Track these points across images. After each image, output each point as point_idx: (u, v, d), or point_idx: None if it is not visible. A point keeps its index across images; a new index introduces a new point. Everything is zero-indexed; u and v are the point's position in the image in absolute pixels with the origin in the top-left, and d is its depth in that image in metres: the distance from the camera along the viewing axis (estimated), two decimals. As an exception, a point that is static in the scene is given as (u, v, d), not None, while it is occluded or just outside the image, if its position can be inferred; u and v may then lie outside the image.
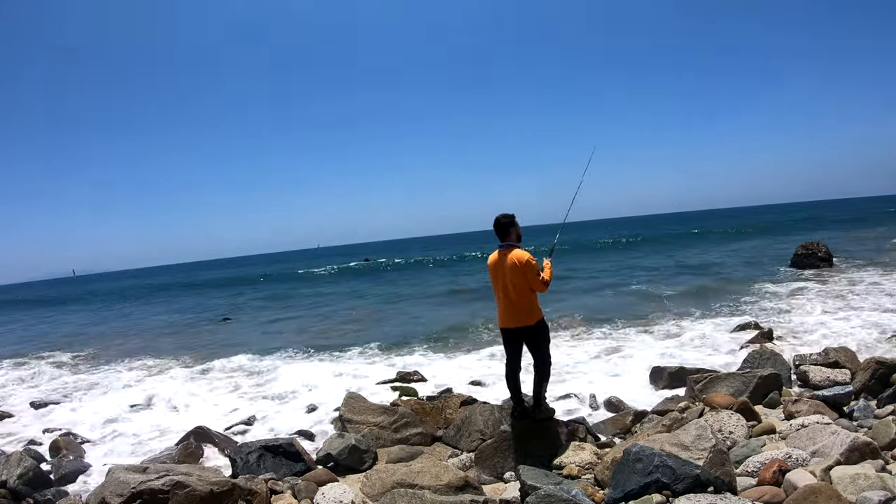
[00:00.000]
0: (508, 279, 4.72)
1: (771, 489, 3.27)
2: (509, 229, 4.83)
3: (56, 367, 13.29)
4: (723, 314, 11.93)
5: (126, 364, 12.80)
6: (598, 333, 11.25)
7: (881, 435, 3.98)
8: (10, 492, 4.91)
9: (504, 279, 4.75)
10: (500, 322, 4.96)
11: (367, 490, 4.18)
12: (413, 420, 5.93)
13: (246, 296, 30.13)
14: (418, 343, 12.06)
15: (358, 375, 9.55)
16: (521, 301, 4.75)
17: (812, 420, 4.35)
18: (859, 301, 11.70)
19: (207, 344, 14.85)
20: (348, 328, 15.31)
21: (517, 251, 4.77)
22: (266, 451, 5.08)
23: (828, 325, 9.78)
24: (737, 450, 4.03)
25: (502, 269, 4.76)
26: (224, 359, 12.13)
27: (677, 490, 3.19)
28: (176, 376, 10.86)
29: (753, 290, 14.75)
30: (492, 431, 5.13)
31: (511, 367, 5.01)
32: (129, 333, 18.79)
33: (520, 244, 4.89)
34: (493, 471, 4.68)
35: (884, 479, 3.12)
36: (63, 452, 6.34)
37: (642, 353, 9.17)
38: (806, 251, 18.22)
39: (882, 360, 5.60)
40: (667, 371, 7.33)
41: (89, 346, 16.05)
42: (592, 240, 51.64)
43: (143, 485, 3.71)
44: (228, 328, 18.23)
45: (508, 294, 4.76)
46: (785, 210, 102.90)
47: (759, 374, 5.75)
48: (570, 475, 4.24)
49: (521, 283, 4.70)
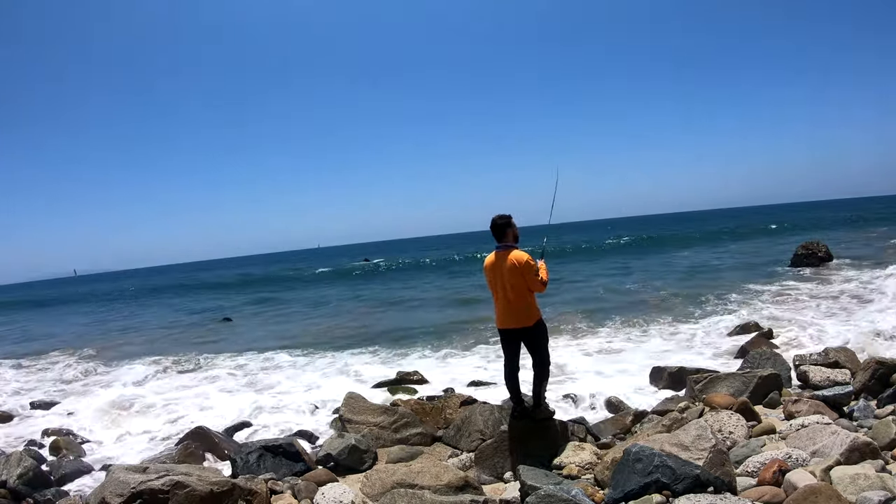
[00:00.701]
0: (507, 280, 4.69)
1: (771, 489, 3.27)
2: (506, 230, 4.79)
3: (56, 367, 13.31)
4: (723, 314, 11.92)
5: (126, 364, 12.80)
6: (597, 334, 11.25)
7: (881, 435, 3.97)
8: (10, 492, 4.91)
9: (503, 280, 4.72)
10: (499, 323, 4.92)
11: (367, 490, 4.18)
12: (413, 420, 5.93)
13: (247, 296, 30.13)
14: (418, 343, 12.06)
15: (358, 375, 9.56)
16: (520, 302, 4.73)
17: (812, 420, 4.35)
18: (859, 301, 11.69)
19: (208, 344, 14.85)
20: (348, 328, 15.31)
21: (516, 252, 4.73)
22: (266, 451, 5.08)
23: (827, 325, 9.78)
24: (737, 450, 4.03)
25: (500, 270, 4.73)
26: (225, 359, 12.15)
27: (677, 490, 3.19)
28: (176, 376, 10.87)
29: (753, 290, 14.75)
30: (492, 431, 5.13)
31: (510, 368, 5.00)
32: (130, 334, 18.81)
33: (517, 245, 4.86)
34: (493, 471, 4.67)
35: (884, 479, 3.12)
36: (63, 452, 6.35)
37: (642, 353, 9.18)
38: (806, 251, 18.23)
39: (882, 360, 5.59)
40: (667, 371, 7.33)
41: (89, 346, 16.06)
42: (592, 240, 51.64)
43: (143, 485, 3.70)
44: (229, 328, 18.24)
45: (507, 295, 4.73)
46: (785, 210, 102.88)
47: (759, 374, 5.74)
48: (570, 475, 4.23)
49: (520, 283, 4.68)
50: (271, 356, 11.95)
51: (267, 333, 15.89)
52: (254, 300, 27.20)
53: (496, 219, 4.83)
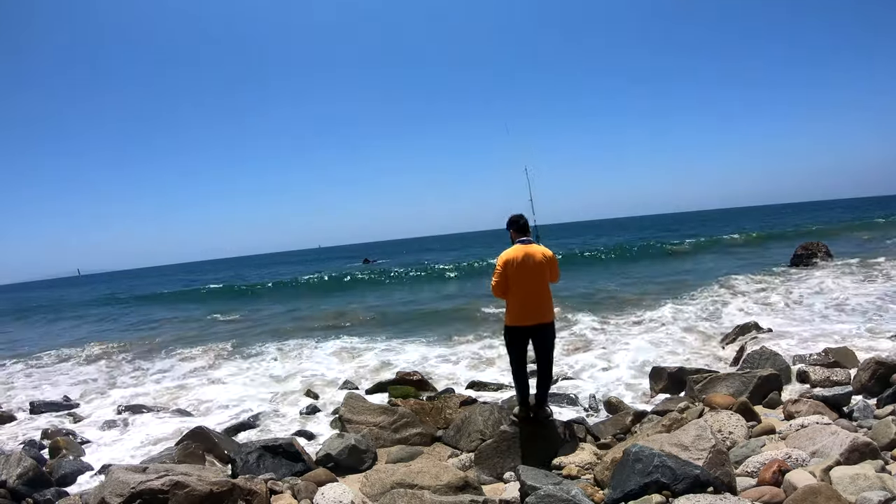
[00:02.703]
0: (539, 274, 4.78)
1: (771, 489, 3.27)
2: (529, 226, 5.00)
3: (56, 366, 13.31)
4: (722, 314, 11.93)
5: (126, 364, 12.80)
6: (597, 334, 11.25)
7: (881, 435, 3.98)
8: (10, 492, 4.90)
9: (533, 274, 4.76)
10: (523, 319, 4.81)
11: (366, 490, 4.18)
12: (413, 420, 5.93)
13: (247, 296, 30.10)
14: (418, 343, 12.05)
15: (358, 375, 9.56)
16: (548, 295, 4.87)
17: (812, 420, 4.35)
18: (859, 301, 11.69)
19: (208, 344, 14.84)
20: (348, 329, 15.30)
21: (542, 247, 4.88)
22: (266, 451, 5.08)
23: (827, 326, 9.78)
24: (736, 450, 4.03)
25: (530, 265, 4.76)
26: (225, 359, 12.15)
27: (677, 490, 3.19)
28: (176, 377, 10.87)
29: (753, 290, 14.75)
30: (491, 431, 5.14)
31: (522, 368, 5.00)
32: (130, 334, 18.79)
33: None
34: (493, 471, 4.68)
35: (883, 480, 3.12)
36: (63, 452, 6.34)
37: (641, 353, 9.17)
38: (805, 251, 18.24)
39: (882, 361, 5.59)
40: (666, 371, 7.32)
41: (90, 346, 16.04)
42: (591, 240, 51.65)
43: (142, 485, 3.70)
44: (230, 328, 18.23)
45: (538, 289, 4.79)
46: (784, 210, 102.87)
47: (759, 375, 5.75)
48: (570, 475, 4.24)
49: (547, 277, 4.83)
50: (271, 356, 11.95)
51: (267, 334, 15.84)
52: (255, 301, 27.05)
53: (521, 216, 5.04)
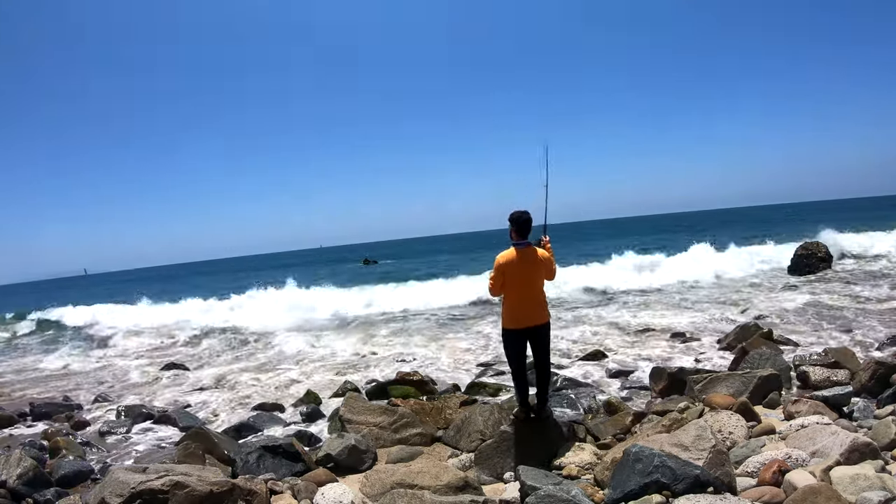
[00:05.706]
0: (534, 277, 4.76)
1: (771, 489, 3.27)
2: (531, 227, 4.83)
3: (56, 366, 13.30)
4: (722, 314, 11.93)
5: (126, 364, 12.80)
6: (596, 334, 11.24)
7: (881, 435, 3.97)
8: (10, 492, 4.90)
9: (531, 276, 4.75)
10: (521, 321, 4.79)
11: (366, 490, 4.18)
12: (413, 420, 5.92)
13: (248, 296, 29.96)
14: (418, 344, 12.05)
15: (358, 376, 9.55)
16: (543, 297, 4.87)
17: (812, 420, 4.35)
18: (858, 301, 11.70)
19: (208, 345, 14.85)
20: (347, 329, 15.30)
21: (537, 248, 4.85)
22: (266, 451, 5.08)
23: (827, 326, 9.79)
24: (736, 450, 4.03)
25: (528, 266, 4.73)
26: (225, 359, 12.14)
27: (677, 490, 3.19)
28: (175, 378, 10.87)
29: (752, 290, 14.76)
30: (492, 431, 5.13)
31: (521, 368, 5.00)
32: (130, 334, 18.76)
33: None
34: (493, 471, 4.67)
35: (883, 480, 3.12)
36: (63, 452, 6.33)
37: (641, 353, 9.18)
38: (805, 252, 18.20)
39: (881, 361, 5.60)
40: (666, 371, 7.32)
41: (89, 346, 16.05)
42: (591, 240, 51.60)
43: (142, 485, 3.70)
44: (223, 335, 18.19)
45: (533, 292, 4.79)
46: (784, 210, 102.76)
47: (759, 375, 5.74)
48: (570, 475, 4.24)
49: (542, 280, 4.82)
50: (271, 356, 11.95)
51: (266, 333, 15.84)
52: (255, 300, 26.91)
53: (523, 214, 4.78)
